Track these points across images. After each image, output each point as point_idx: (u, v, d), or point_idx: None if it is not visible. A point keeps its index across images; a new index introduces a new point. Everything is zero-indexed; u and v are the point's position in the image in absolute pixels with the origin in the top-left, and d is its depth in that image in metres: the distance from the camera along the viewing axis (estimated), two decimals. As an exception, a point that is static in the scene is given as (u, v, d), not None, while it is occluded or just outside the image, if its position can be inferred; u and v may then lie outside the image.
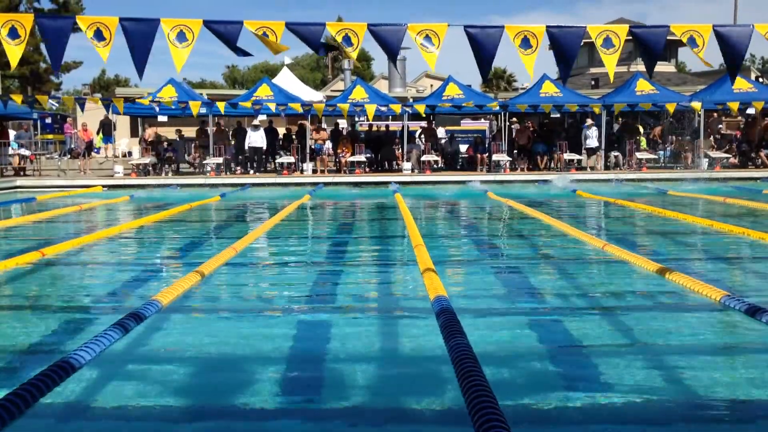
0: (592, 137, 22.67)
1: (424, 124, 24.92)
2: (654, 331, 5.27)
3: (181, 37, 5.70)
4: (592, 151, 22.86)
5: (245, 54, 5.79)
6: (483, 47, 4.92)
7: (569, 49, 5.06)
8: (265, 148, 22.70)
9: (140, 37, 5.38)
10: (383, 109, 22.20)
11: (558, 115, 24.96)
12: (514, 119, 24.55)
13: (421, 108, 22.09)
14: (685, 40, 5.31)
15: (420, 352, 4.74)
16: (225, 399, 4.00)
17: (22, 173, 22.97)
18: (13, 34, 5.08)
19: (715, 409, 3.81)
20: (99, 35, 5.49)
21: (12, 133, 25.41)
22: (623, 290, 6.86)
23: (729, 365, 4.52)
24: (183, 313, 5.78)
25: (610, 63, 5.60)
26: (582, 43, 5.55)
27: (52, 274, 7.69)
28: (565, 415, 3.73)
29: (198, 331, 5.37)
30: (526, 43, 5.15)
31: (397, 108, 21.94)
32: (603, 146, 22.67)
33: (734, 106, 21.84)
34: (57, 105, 21.87)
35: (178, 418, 3.77)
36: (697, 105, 21.79)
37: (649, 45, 4.97)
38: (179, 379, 4.32)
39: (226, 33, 5.32)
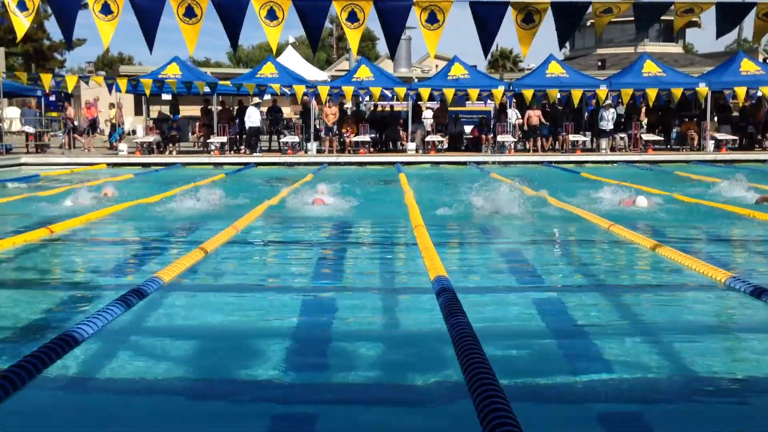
0: (608, 119, 22.44)
1: (431, 103, 24.82)
2: (657, 312, 5.28)
3: (190, 12, 5.68)
4: (605, 134, 22.65)
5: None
6: (486, 24, 4.89)
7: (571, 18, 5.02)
8: (258, 126, 22.56)
9: (149, 12, 5.35)
10: (387, 93, 22.08)
11: (564, 94, 24.73)
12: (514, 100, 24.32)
13: (425, 91, 21.93)
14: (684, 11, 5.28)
15: (421, 331, 4.76)
16: (225, 374, 4.03)
17: (40, 150, 23.03)
18: (22, 6, 5.04)
19: (720, 389, 3.82)
20: (106, 9, 5.45)
21: (17, 111, 25.39)
22: (627, 270, 6.87)
23: (733, 346, 4.53)
24: (184, 290, 5.81)
25: (603, 22, 5.55)
26: (588, 24, 5.51)
27: (59, 250, 7.73)
28: (565, 393, 3.74)
29: (199, 308, 5.40)
30: (528, 18, 5.11)
31: (401, 92, 21.77)
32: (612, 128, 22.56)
33: (741, 91, 21.64)
34: (59, 82, 21.78)
35: (179, 391, 3.81)
36: (703, 91, 21.60)
37: (648, 11, 4.92)
38: (180, 354, 4.35)
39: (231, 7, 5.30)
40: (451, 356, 3.64)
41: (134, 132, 29.65)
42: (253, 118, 22.20)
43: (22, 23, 5.10)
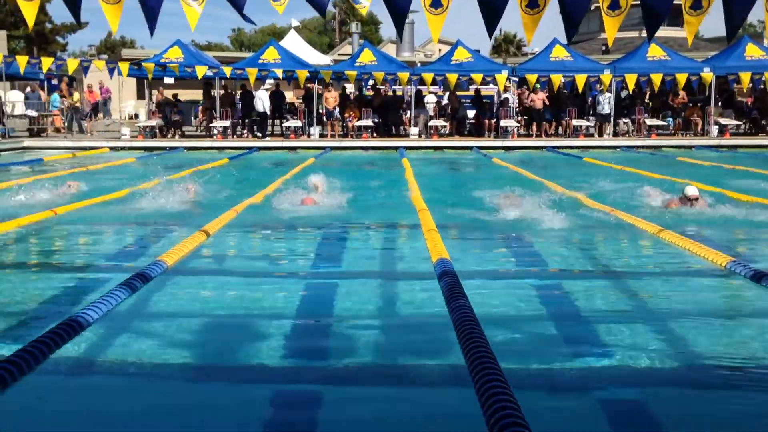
0: (605, 103, 22.37)
1: (434, 88, 24.72)
2: (658, 296, 5.30)
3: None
4: (603, 118, 22.59)
5: (250, 21, 5.74)
6: (490, 8, 4.86)
7: (577, 7, 4.98)
8: (263, 111, 22.55)
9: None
10: (390, 77, 22.00)
11: (568, 79, 24.60)
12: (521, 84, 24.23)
13: (428, 76, 21.82)
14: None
15: (422, 314, 4.78)
16: (229, 357, 4.06)
17: (60, 131, 23.13)
18: None
19: (718, 373, 3.84)
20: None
21: (19, 94, 25.33)
22: (628, 255, 6.89)
23: (733, 330, 4.55)
24: (188, 273, 5.85)
25: (613, 26, 5.51)
26: (593, 8, 5.46)
27: (63, 234, 7.76)
28: (566, 377, 3.77)
29: (203, 291, 5.43)
30: (533, 3, 5.07)
31: (404, 77, 21.64)
32: (612, 113, 22.46)
33: (746, 77, 21.49)
34: (60, 66, 21.71)
35: (183, 375, 3.84)
36: (707, 76, 21.44)
37: (654, 8, 4.88)
38: (185, 337, 4.38)
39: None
40: (452, 340, 3.66)
41: (136, 116, 29.61)
42: (257, 102, 22.23)
43: (29, 8, 5.04)
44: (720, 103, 23.76)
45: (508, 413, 2.61)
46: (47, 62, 20.71)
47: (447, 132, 23.10)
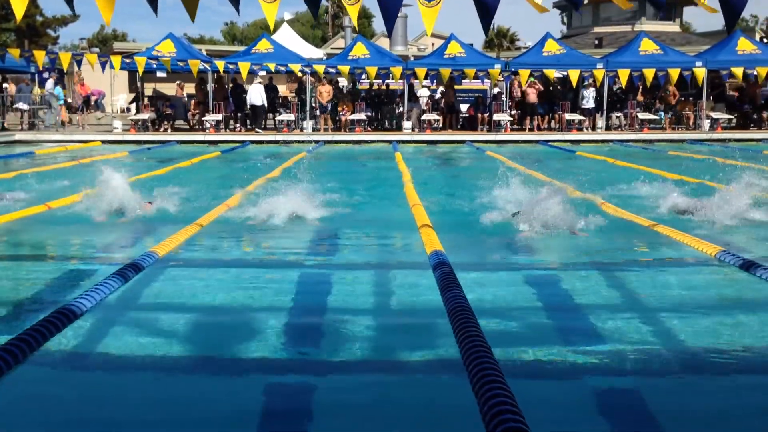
0: (589, 98, 22.48)
1: (426, 82, 24.72)
2: (649, 286, 5.33)
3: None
4: (587, 112, 22.71)
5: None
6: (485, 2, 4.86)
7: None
8: (262, 104, 22.46)
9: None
10: (383, 71, 21.98)
11: (562, 75, 24.65)
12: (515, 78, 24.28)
13: (421, 72, 21.80)
14: None
15: (417, 305, 4.79)
16: (222, 347, 4.06)
17: (65, 124, 23.09)
18: None
19: (710, 362, 3.88)
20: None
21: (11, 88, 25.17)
22: (619, 246, 6.91)
23: (723, 319, 4.58)
24: (179, 264, 5.84)
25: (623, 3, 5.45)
26: (586, 2, 5.45)
27: (56, 226, 7.74)
28: (559, 366, 3.79)
29: (194, 282, 5.43)
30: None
31: (397, 71, 21.60)
32: (605, 107, 22.52)
33: (738, 71, 21.55)
34: (53, 62, 21.59)
35: (175, 364, 3.84)
36: (700, 71, 21.50)
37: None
38: (177, 327, 4.38)
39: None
40: (446, 330, 3.67)
41: (128, 109, 29.46)
42: (255, 96, 22.15)
43: (19, 1, 5.00)
44: (712, 98, 23.84)
45: (502, 401, 2.62)
46: (40, 56, 20.57)
47: (440, 126, 23.11)
